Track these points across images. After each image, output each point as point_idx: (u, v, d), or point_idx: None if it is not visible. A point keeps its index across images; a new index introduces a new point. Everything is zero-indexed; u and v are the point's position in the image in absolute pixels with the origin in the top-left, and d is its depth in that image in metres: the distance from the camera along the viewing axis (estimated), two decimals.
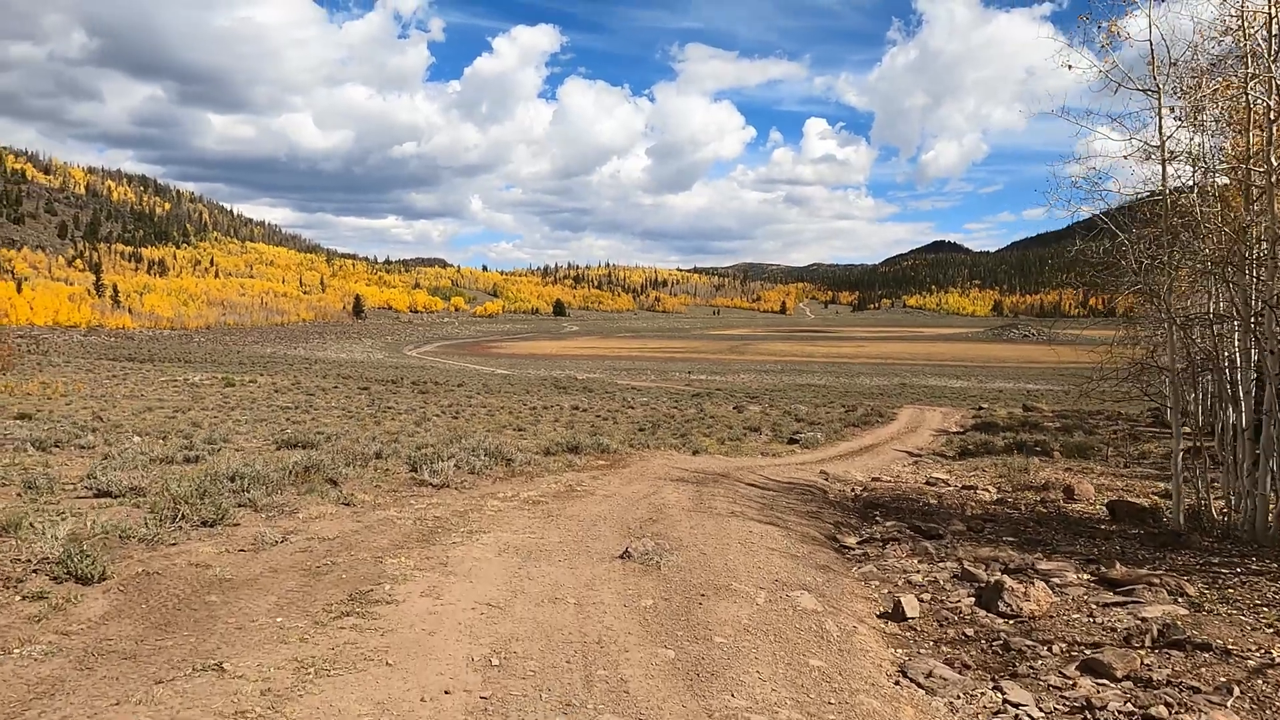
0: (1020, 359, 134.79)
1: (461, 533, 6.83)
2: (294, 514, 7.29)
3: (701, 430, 26.61)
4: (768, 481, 12.99)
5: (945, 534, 9.13)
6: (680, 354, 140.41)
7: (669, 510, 9.07)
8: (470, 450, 10.58)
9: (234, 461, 9.06)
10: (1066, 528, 10.21)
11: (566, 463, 11.87)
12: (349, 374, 70.64)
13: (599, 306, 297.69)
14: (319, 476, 8.93)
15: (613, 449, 13.32)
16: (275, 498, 7.61)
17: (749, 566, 6.62)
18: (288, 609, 4.56)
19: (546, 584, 5.40)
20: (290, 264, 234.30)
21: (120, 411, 30.12)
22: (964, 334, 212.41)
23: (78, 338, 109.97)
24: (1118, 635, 5.28)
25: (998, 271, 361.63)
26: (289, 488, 8.41)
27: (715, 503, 9.98)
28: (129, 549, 5.44)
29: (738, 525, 8.50)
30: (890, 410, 36.44)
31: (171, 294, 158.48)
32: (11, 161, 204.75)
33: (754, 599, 5.52)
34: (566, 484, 10.23)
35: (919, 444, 24.34)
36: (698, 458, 16.02)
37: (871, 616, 6.02)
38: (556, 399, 46.14)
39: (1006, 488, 13.79)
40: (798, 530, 8.93)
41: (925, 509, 11.66)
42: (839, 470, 16.70)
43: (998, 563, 7.31)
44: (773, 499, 11.30)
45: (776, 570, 6.63)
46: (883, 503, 12.23)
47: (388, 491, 9.16)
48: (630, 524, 8.08)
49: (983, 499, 12.66)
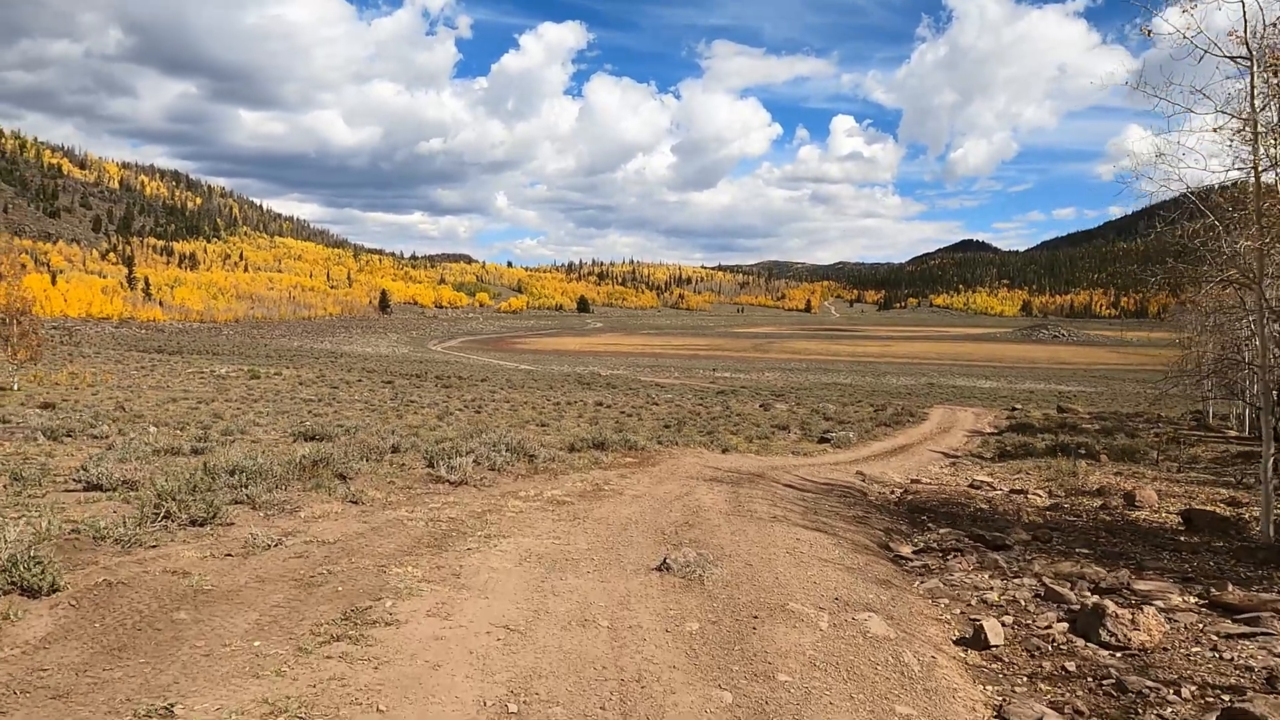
0: (1051, 360, 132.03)
1: (478, 537, 6.10)
2: (295, 513, 6.61)
3: (728, 428, 25.78)
4: (805, 482, 12.15)
5: (1012, 544, 8.24)
6: (704, 351, 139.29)
7: (706, 513, 8.28)
8: (491, 445, 9.87)
9: (235, 454, 8.41)
10: (1142, 539, 9.26)
11: (593, 460, 11.12)
12: (373, 368, 70.69)
13: (623, 303, 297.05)
14: (328, 471, 8.26)
15: (641, 446, 12.55)
16: (277, 494, 6.94)
17: (803, 581, 5.81)
18: (269, 630, 3.84)
19: (574, 601, 4.64)
20: (318, 259, 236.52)
21: (144, 402, 29.98)
22: (992, 334, 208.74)
23: (109, 329, 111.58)
24: (1257, 676, 4.40)
25: (1027, 271, 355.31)
26: (294, 483, 7.74)
27: (754, 505, 9.17)
28: (99, 553, 4.77)
29: (782, 531, 7.69)
30: (921, 410, 35.36)
31: (201, 287, 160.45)
32: (48, 156, 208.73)
33: (816, 623, 4.71)
34: (593, 483, 9.48)
35: (953, 445, 23.37)
36: (728, 456, 15.22)
37: (948, 643, 5.19)
38: (580, 395, 45.52)
39: (1059, 493, 12.81)
40: (847, 538, 8.10)
41: (978, 515, 10.78)
42: (875, 471, 15.82)
43: (1084, 580, 6.42)
44: (814, 502, 10.47)
45: (834, 585, 5.82)
46: (929, 507, 11.35)
47: (401, 488, 8.47)
48: (665, 528, 7.30)
49: (1035, 504, 11.73)
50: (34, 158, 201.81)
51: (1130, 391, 75.68)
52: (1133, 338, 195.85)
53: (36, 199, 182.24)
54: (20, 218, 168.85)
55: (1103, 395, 67.27)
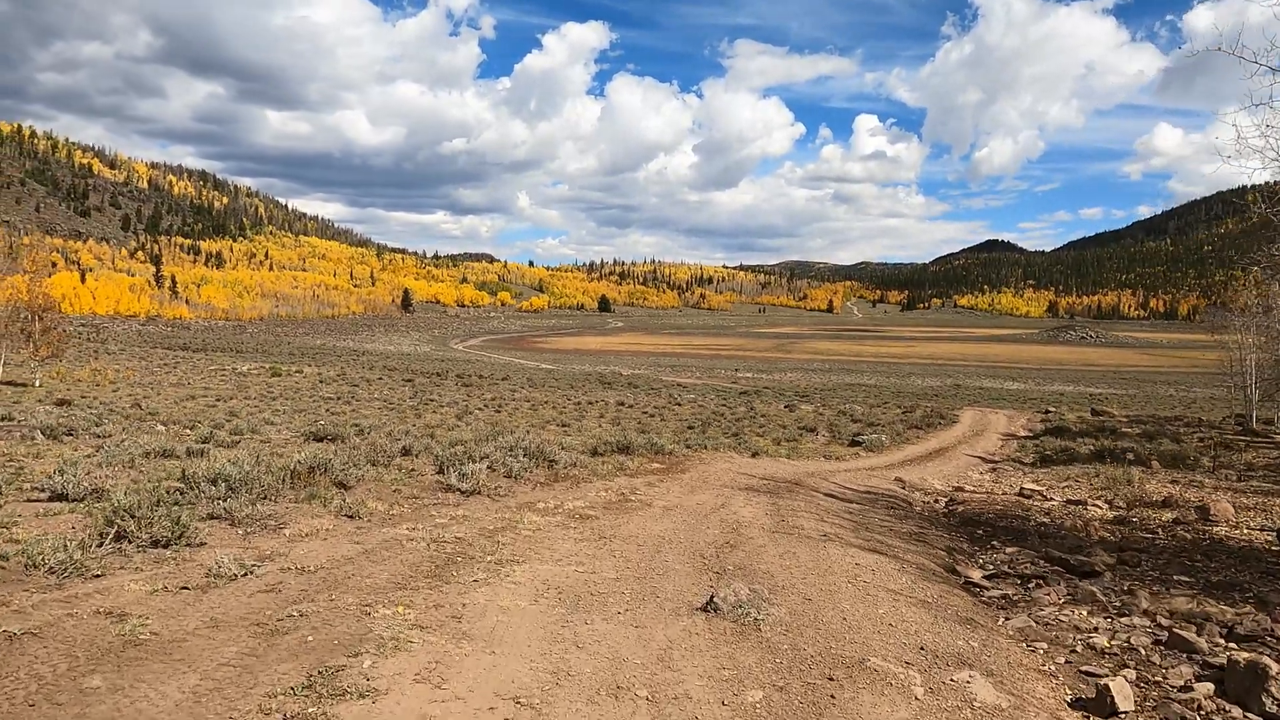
0: (1079, 361, 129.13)
1: (487, 563, 5.17)
2: (279, 530, 5.74)
3: (754, 429, 24.75)
4: (845, 491, 11.12)
5: (1100, 569, 7.17)
6: (726, 351, 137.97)
7: (747, 530, 7.30)
8: (507, 450, 8.96)
9: (225, 459, 7.55)
10: (1241, 563, 8.12)
11: (617, 465, 10.17)
12: (395, 366, 70.31)
13: (644, 303, 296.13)
14: (325, 479, 7.42)
15: (668, 450, 11.59)
16: (262, 507, 6.07)
17: (876, 622, 4.81)
18: (205, 703, 2.93)
19: (603, 657, 3.69)
20: (341, 258, 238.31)
21: (162, 399, 29.53)
22: (1018, 335, 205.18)
23: (136, 327, 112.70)
24: None
25: (1053, 271, 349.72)
26: (285, 493, 6.89)
27: (799, 520, 8.18)
28: (23, 587, 3.91)
29: (838, 554, 6.69)
30: (951, 412, 34.07)
31: (227, 286, 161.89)
32: (79, 156, 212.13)
33: (908, 687, 3.72)
34: (618, 492, 8.54)
35: (989, 449, 22.21)
36: (758, 461, 14.22)
37: (1064, 707, 4.18)
38: (601, 394, 44.57)
39: (1119, 504, 11.66)
40: (910, 560, 7.08)
41: (1043, 530, 9.70)
42: (914, 477, 14.76)
43: (1211, 623, 5.36)
44: (861, 515, 9.45)
45: (914, 628, 4.81)
46: (984, 519, 10.29)
47: (407, 498, 7.59)
48: (703, 550, 6.34)
49: (1098, 516, 10.61)
50: (65, 158, 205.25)
51: (1164, 394, 73.31)
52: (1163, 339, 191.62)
53: (68, 198, 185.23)
54: (52, 217, 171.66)
55: (1135, 398, 65.17)
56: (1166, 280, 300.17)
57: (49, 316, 31.64)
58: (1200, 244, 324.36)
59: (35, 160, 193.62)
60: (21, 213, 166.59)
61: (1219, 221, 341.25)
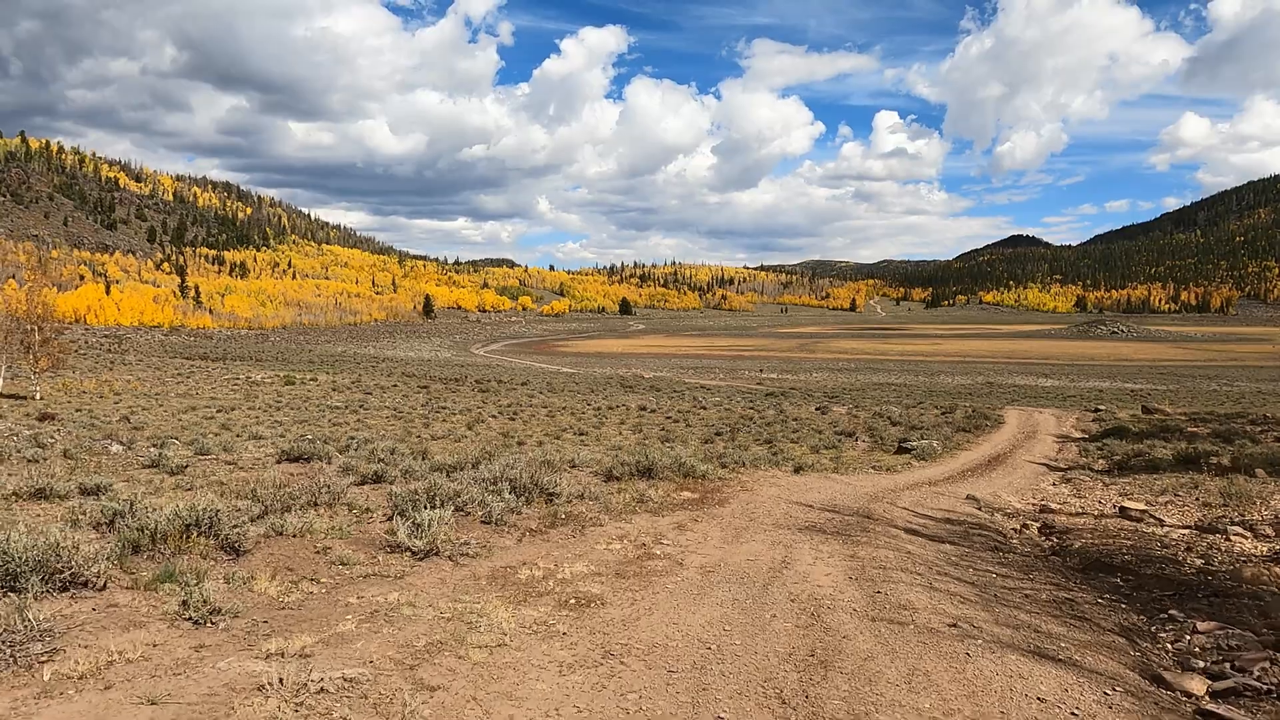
0: (1111, 356, 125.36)
1: None
2: (41, 664, 3.72)
3: (788, 436, 22.92)
4: (925, 523, 9.17)
5: None
6: (749, 352, 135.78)
7: (834, 617, 5.14)
8: (489, 483, 7.04)
9: (24, 528, 5.02)
10: None
11: (636, 496, 8.31)
12: (413, 372, 69.22)
13: (665, 305, 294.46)
14: (205, 542, 5.38)
15: (699, 473, 9.78)
16: (47, 606, 4.20)
17: None
18: None
19: None
20: (363, 265, 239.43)
21: (159, 412, 28.35)
22: (1047, 331, 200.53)
23: (159, 337, 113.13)
24: None
25: (1080, 266, 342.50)
26: (121, 572, 4.91)
27: (899, 589, 5.87)
28: None
29: (992, 669, 4.36)
30: (993, 412, 31.95)
31: (250, 295, 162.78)
32: (106, 170, 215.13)
33: None
34: (637, 541, 6.66)
35: (1047, 454, 20.20)
36: (804, 478, 12.38)
37: None
38: (623, 398, 42.87)
39: (1265, 530, 9.55)
40: (1091, 667, 4.59)
41: (1208, 585, 6.58)
42: (986, 494, 12.79)
43: None
44: (969, 566, 6.83)
45: None
46: (1117, 563, 7.34)
47: (326, 568, 5.55)
48: (776, 674, 4.21)
49: (1248, 550, 8.21)
50: (92, 172, 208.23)
51: (1206, 389, 70.06)
52: (1197, 333, 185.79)
53: (95, 212, 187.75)
54: (79, 230, 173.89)
55: (1179, 393, 62.17)
56: (1198, 272, 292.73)
57: (48, 327, 30.59)
58: (1232, 234, 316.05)
59: (63, 175, 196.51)
60: (50, 226, 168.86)
61: (1250, 211, 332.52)
